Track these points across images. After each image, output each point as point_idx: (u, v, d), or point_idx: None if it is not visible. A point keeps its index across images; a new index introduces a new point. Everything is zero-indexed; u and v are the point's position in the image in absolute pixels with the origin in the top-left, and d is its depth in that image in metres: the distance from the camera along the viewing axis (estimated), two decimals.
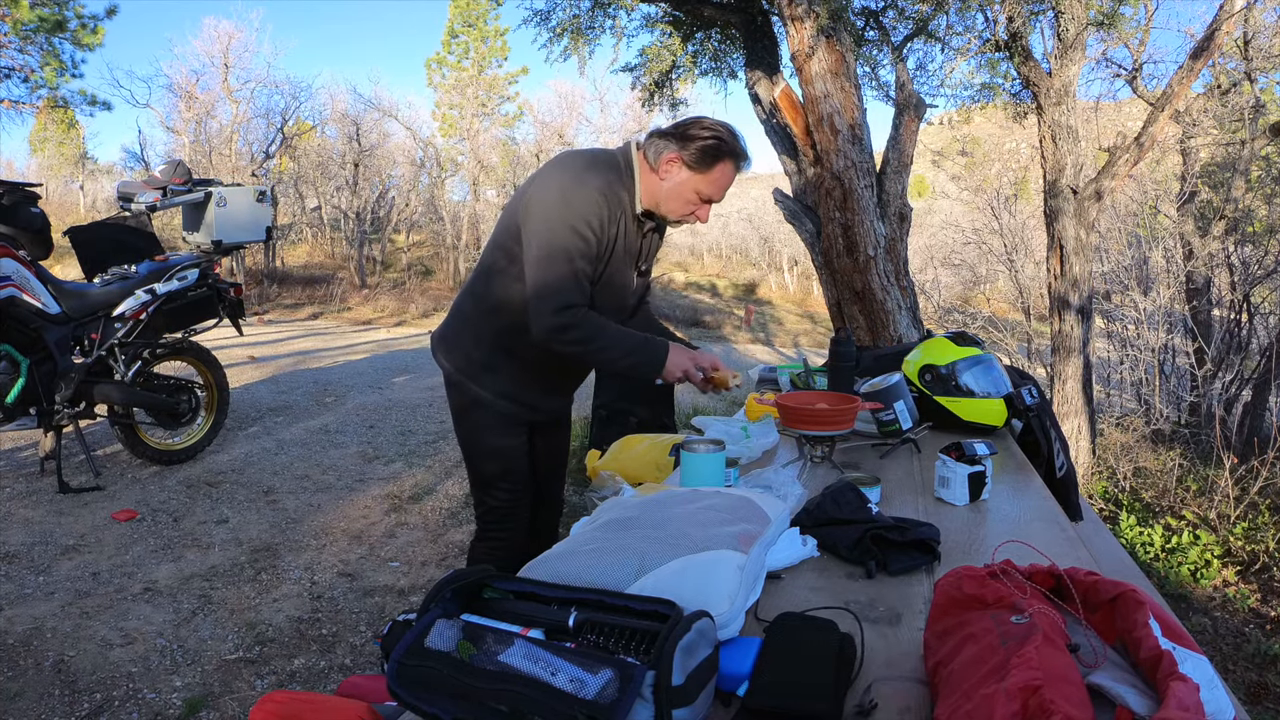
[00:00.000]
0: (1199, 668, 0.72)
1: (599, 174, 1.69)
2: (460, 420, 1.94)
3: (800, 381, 2.59)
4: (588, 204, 1.65)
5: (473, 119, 21.51)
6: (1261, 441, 5.05)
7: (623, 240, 1.75)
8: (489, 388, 1.86)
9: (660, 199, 1.73)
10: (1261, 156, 7.70)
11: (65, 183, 21.23)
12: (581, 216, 1.64)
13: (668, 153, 1.70)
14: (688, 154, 1.68)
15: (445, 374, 1.92)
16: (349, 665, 2.41)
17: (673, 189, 1.72)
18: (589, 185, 1.66)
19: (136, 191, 3.95)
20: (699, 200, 1.74)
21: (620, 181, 1.72)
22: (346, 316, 13.78)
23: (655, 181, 1.73)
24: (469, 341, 1.87)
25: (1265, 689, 2.64)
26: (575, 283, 1.66)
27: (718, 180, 1.72)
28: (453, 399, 1.94)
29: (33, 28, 11.95)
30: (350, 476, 4.22)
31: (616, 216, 1.70)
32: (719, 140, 1.69)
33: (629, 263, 1.81)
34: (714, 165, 1.69)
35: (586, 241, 1.66)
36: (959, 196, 25.04)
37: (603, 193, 1.67)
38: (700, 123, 1.71)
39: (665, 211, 1.75)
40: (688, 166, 1.69)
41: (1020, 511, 1.54)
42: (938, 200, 28.27)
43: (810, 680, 0.84)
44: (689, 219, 1.78)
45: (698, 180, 1.70)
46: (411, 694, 0.83)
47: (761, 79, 4.29)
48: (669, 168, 1.71)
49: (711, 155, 1.68)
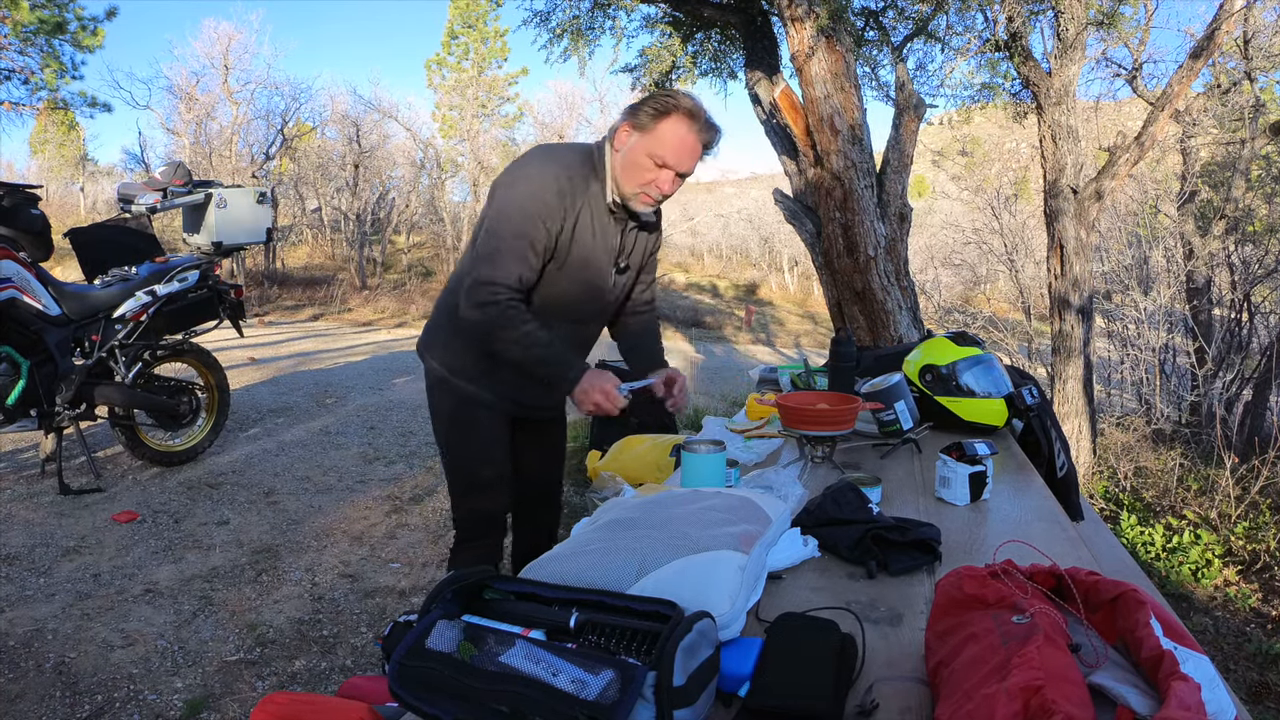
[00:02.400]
0: (1200, 667, 0.72)
1: (559, 162, 1.66)
2: (445, 421, 1.90)
3: (801, 382, 2.59)
4: (539, 189, 1.62)
5: (473, 120, 21.51)
6: (1262, 441, 5.05)
7: (590, 231, 1.69)
8: (476, 384, 1.83)
9: (619, 174, 1.66)
10: (1261, 156, 7.70)
11: (65, 184, 21.25)
12: (530, 201, 1.61)
13: (622, 124, 1.66)
14: (636, 119, 1.63)
15: (432, 374, 1.89)
16: (350, 666, 2.41)
17: (625, 157, 1.65)
18: (544, 172, 1.63)
19: (137, 193, 3.95)
20: (652, 165, 1.63)
21: (591, 171, 1.68)
22: (347, 318, 13.78)
23: (616, 159, 1.67)
24: (453, 340, 1.84)
25: (1266, 688, 2.64)
26: (507, 264, 1.62)
27: (667, 139, 1.61)
28: (436, 399, 1.90)
29: (33, 29, 11.96)
30: (351, 478, 4.22)
31: (576, 205, 1.65)
32: (667, 98, 1.62)
33: (605, 259, 1.75)
34: (660, 121, 1.61)
35: (531, 225, 1.61)
36: (959, 196, 25.04)
37: (558, 179, 1.63)
38: (654, 93, 1.67)
39: (624, 186, 1.66)
40: (635, 129, 1.64)
41: (1021, 511, 1.54)
42: (938, 200, 28.27)
43: (811, 680, 0.84)
44: (650, 189, 1.66)
45: (646, 141, 1.62)
46: (413, 695, 0.83)
47: (761, 79, 4.29)
48: (622, 138, 1.66)
49: (656, 112, 1.61)
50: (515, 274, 1.63)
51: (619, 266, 1.80)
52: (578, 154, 1.70)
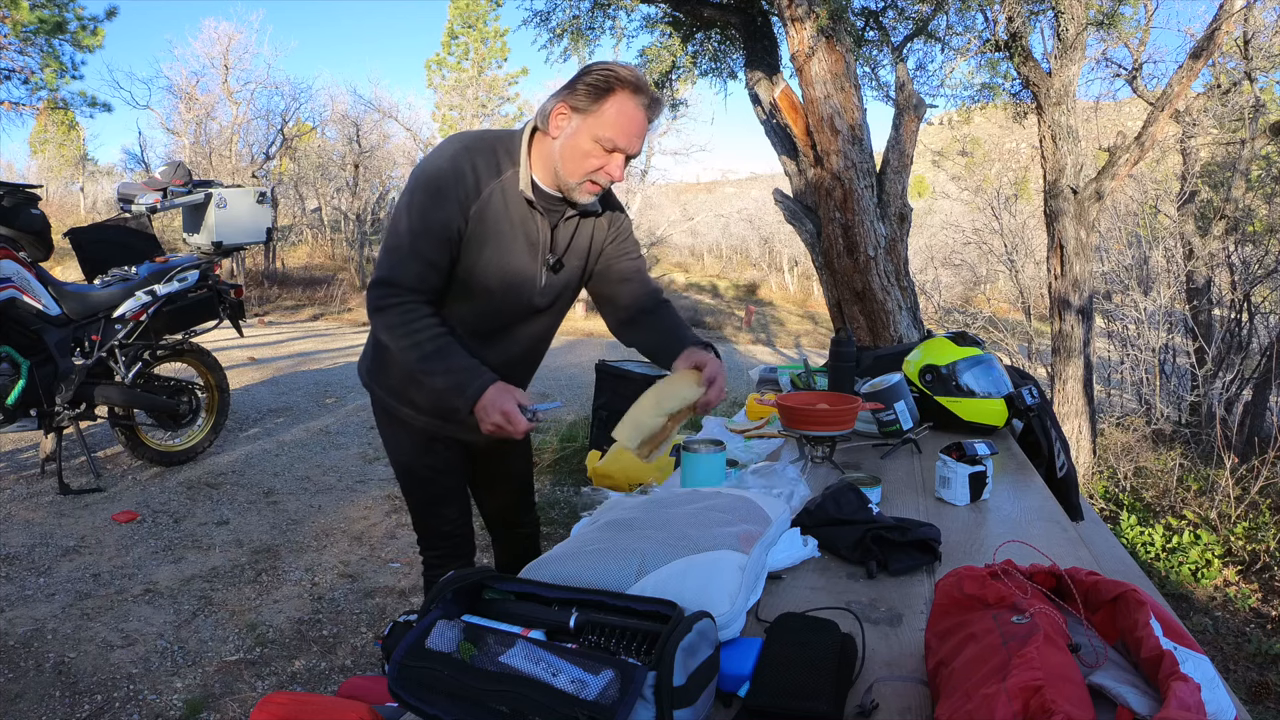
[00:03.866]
0: (1200, 667, 0.72)
1: (463, 145, 1.49)
2: (393, 447, 1.78)
3: (801, 382, 2.59)
4: (436, 176, 1.46)
5: (473, 120, 21.50)
6: (1262, 441, 5.05)
7: (503, 221, 1.50)
8: (414, 407, 1.69)
9: (557, 162, 1.47)
10: (1261, 156, 7.70)
11: (65, 184, 21.23)
12: (428, 190, 1.46)
13: (554, 106, 1.45)
14: (574, 98, 1.43)
15: (372, 397, 1.76)
16: (350, 666, 2.41)
17: (565, 143, 1.45)
18: (443, 158, 1.47)
19: (137, 193, 3.95)
20: (600, 150, 1.44)
21: (503, 156, 1.50)
22: (347, 318, 13.77)
23: (549, 145, 1.48)
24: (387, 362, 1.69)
25: (1266, 688, 2.64)
26: (404, 262, 1.47)
27: (614, 119, 1.43)
28: (382, 425, 1.78)
29: (33, 29, 11.96)
30: (351, 477, 4.22)
31: (481, 190, 1.48)
32: (606, 72, 1.43)
33: (526, 253, 1.54)
34: (604, 99, 1.42)
35: (426, 218, 1.45)
36: (959, 196, 25.04)
37: (457, 163, 1.46)
38: (589, 68, 1.46)
39: (565, 175, 1.47)
40: (575, 110, 1.44)
41: (1021, 511, 1.54)
42: (938, 200, 28.26)
43: (811, 681, 0.84)
44: (599, 176, 1.47)
45: (590, 123, 1.43)
46: (413, 695, 0.83)
47: (761, 80, 4.29)
48: (559, 121, 1.46)
49: (600, 89, 1.42)
50: (414, 272, 1.47)
51: (549, 263, 1.58)
52: (489, 139, 1.52)
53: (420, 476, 1.78)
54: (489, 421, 1.46)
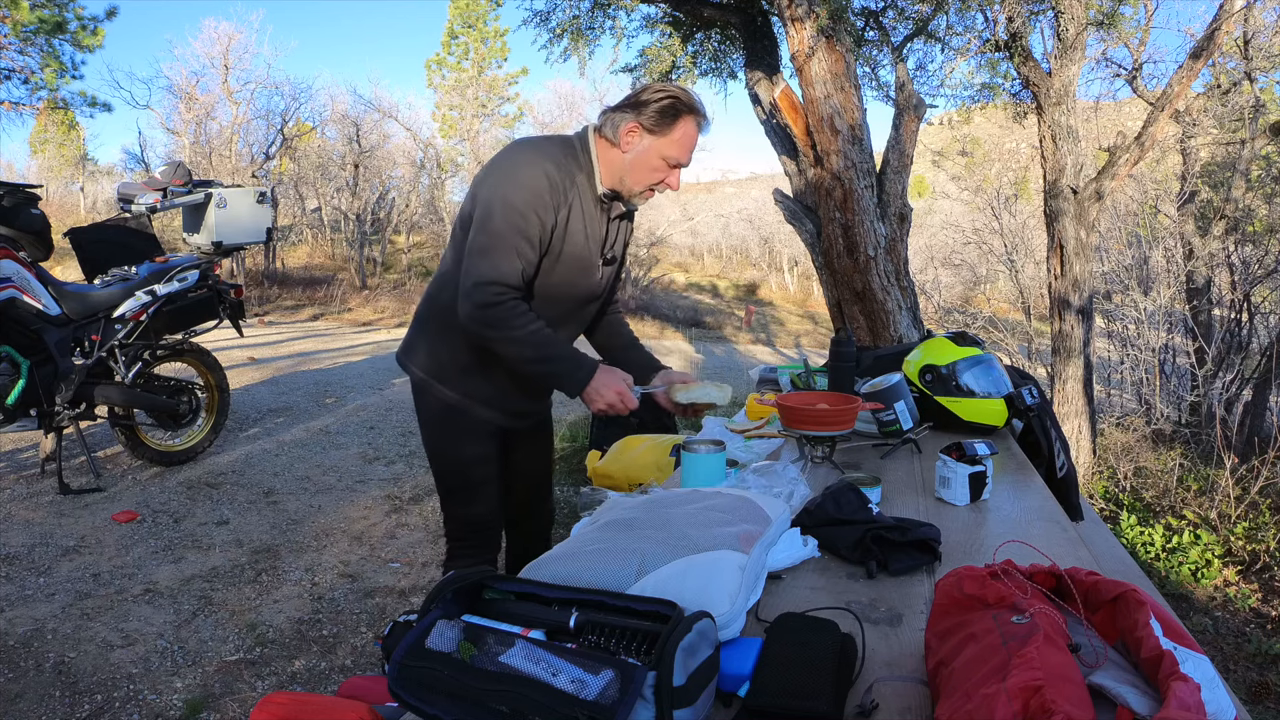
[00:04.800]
0: (1200, 667, 0.72)
1: (546, 155, 1.64)
2: (431, 428, 1.85)
3: (801, 382, 2.59)
4: (530, 182, 1.59)
5: (473, 120, 21.50)
6: (1262, 441, 5.05)
7: (580, 223, 1.68)
8: (461, 390, 1.79)
9: (625, 172, 1.68)
10: (1261, 156, 7.70)
11: (65, 184, 21.23)
12: (522, 194, 1.59)
13: (626, 123, 1.65)
14: (645, 118, 1.64)
15: (414, 381, 1.84)
16: (350, 666, 2.41)
17: (637, 158, 1.66)
18: (534, 164, 1.61)
19: (137, 193, 3.95)
20: (665, 166, 1.68)
21: (575, 162, 1.67)
22: (347, 318, 13.78)
23: (617, 156, 1.67)
24: (437, 345, 1.80)
25: (1266, 689, 2.64)
26: (506, 261, 1.59)
27: (680, 140, 1.66)
28: (422, 407, 1.85)
29: (33, 29, 11.96)
30: (351, 477, 4.22)
31: (569, 198, 1.65)
32: (674, 99, 1.64)
33: (593, 249, 1.74)
34: (674, 124, 1.65)
35: (525, 219, 1.59)
36: (959, 196, 25.04)
37: (548, 173, 1.61)
38: (650, 87, 1.67)
39: (631, 184, 1.68)
40: (648, 131, 1.64)
41: (1021, 511, 1.54)
42: (938, 200, 28.26)
43: (811, 681, 0.84)
44: (659, 188, 1.71)
45: (660, 144, 1.65)
46: (412, 695, 0.83)
47: (761, 80, 4.29)
48: (629, 138, 1.65)
49: (670, 114, 1.64)
50: (516, 270, 1.61)
51: (605, 257, 1.79)
52: (559, 145, 1.68)
53: (464, 464, 1.85)
54: (603, 401, 1.65)
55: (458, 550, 1.92)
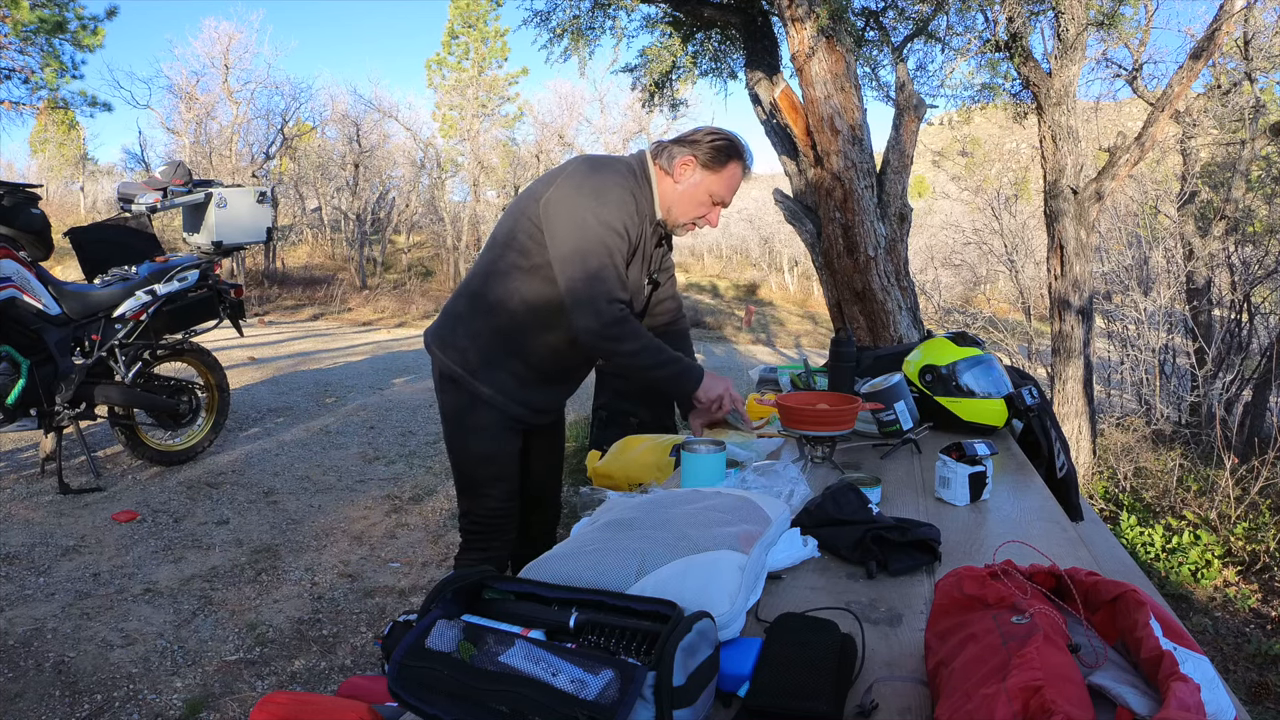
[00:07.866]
0: (1200, 668, 0.72)
1: (623, 175, 1.73)
2: (454, 421, 1.89)
3: (801, 382, 2.59)
4: (620, 202, 1.68)
5: (473, 120, 21.50)
6: (1262, 441, 5.05)
7: (644, 245, 1.78)
8: (490, 385, 1.82)
9: (673, 203, 1.77)
10: (1261, 156, 7.70)
11: (66, 184, 21.24)
12: (615, 213, 1.67)
13: (681, 156, 1.74)
14: (701, 154, 1.74)
15: (442, 371, 1.87)
16: (349, 666, 2.41)
17: (687, 190, 1.76)
18: (621, 186, 1.70)
19: (137, 193, 3.95)
20: (710, 202, 1.78)
21: (639, 186, 1.75)
22: (347, 318, 13.78)
23: (670, 185, 1.77)
24: (467, 340, 1.83)
25: (1266, 689, 2.64)
26: (618, 277, 1.68)
27: (728, 181, 1.77)
28: (447, 399, 1.88)
29: (33, 29, 11.96)
30: (351, 477, 4.22)
31: (644, 221, 1.75)
32: (729, 141, 1.76)
33: (644, 270, 1.83)
34: (726, 164, 1.75)
35: (621, 238, 1.68)
36: (959, 196, 25.04)
37: (634, 194, 1.71)
38: (705, 129, 1.77)
39: (678, 214, 1.78)
40: (702, 166, 1.75)
41: (1021, 512, 1.54)
42: (938, 200, 28.26)
43: (811, 681, 0.84)
44: (700, 223, 1.81)
45: (711, 180, 1.76)
46: (412, 695, 0.83)
47: (761, 80, 4.29)
48: (683, 170, 1.75)
49: (724, 155, 1.74)
50: (624, 283, 1.71)
51: (651, 280, 1.89)
52: (628, 169, 1.76)
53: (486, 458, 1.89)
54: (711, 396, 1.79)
55: (472, 543, 1.94)
